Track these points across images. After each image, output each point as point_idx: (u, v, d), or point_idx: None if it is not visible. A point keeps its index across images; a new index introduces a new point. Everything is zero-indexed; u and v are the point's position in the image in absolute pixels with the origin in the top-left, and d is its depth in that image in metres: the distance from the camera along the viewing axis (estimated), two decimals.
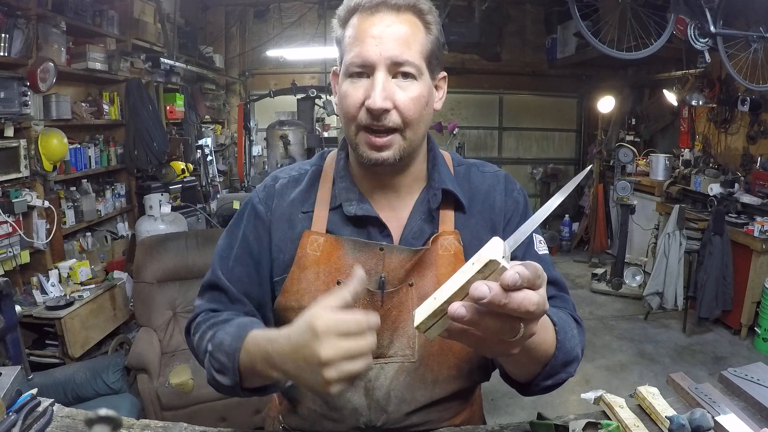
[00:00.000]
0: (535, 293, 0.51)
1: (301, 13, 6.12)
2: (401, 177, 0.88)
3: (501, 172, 0.97)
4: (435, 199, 0.87)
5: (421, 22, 0.80)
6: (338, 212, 0.87)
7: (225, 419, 2.56)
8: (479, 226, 0.89)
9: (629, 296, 4.73)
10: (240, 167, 5.47)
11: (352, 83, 0.79)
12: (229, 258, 0.91)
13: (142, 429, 0.95)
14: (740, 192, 4.12)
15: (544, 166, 6.62)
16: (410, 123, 0.79)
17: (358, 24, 0.79)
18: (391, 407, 0.88)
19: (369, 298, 0.85)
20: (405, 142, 0.80)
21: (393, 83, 0.78)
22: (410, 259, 0.84)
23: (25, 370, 2.10)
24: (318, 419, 0.92)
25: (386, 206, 0.88)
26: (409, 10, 0.79)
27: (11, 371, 1.02)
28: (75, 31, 3.29)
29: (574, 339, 0.79)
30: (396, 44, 0.77)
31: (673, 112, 5.57)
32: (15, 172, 2.75)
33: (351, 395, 0.87)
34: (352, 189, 0.87)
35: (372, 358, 0.61)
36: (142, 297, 2.88)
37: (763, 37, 3.55)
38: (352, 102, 0.79)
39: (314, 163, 0.95)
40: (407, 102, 0.78)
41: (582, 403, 1.03)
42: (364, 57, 0.77)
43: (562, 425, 0.93)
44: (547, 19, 6.26)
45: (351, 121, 0.80)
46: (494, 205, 0.92)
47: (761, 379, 1.05)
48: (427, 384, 0.88)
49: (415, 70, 0.78)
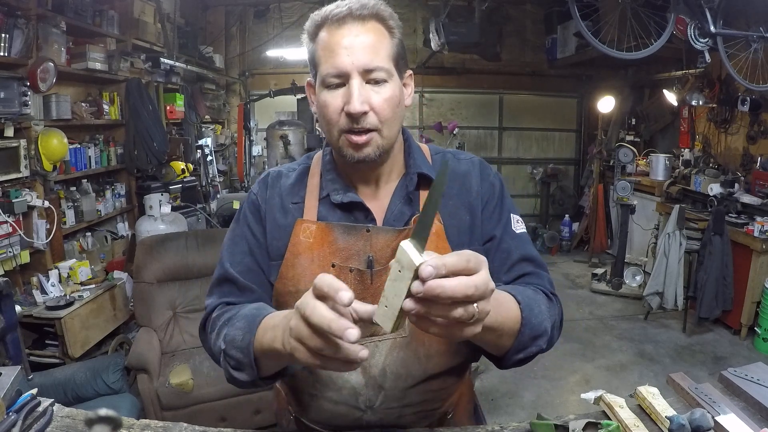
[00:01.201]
0: (470, 278, 0.57)
1: (301, 13, 6.12)
2: (381, 168, 0.95)
3: (476, 159, 1.03)
4: (411, 182, 0.94)
5: (385, 28, 0.87)
6: (326, 201, 0.95)
7: (225, 419, 2.56)
8: (456, 207, 0.96)
9: (629, 296, 4.73)
10: (240, 167, 5.48)
11: (330, 93, 0.86)
12: (235, 251, 0.97)
13: (142, 429, 0.95)
14: (740, 192, 4.12)
15: (544, 166, 6.62)
16: (386, 122, 0.86)
17: (327, 37, 0.86)
18: (388, 383, 0.92)
19: (359, 277, 0.91)
20: (383, 139, 0.87)
21: (368, 88, 0.85)
22: (395, 238, 0.91)
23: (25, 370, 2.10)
24: (319, 402, 0.96)
25: (369, 194, 0.96)
26: (372, 18, 0.86)
27: (11, 371, 1.02)
28: (75, 31, 3.30)
29: (541, 314, 0.84)
30: (366, 52, 0.83)
31: (673, 112, 5.57)
32: (15, 172, 2.75)
33: (349, 375, 0.92)
34: (337, 180, 0.95)
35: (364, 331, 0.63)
36: (142, 297, 2.88)
37: (763, 37, 3.55)
38: (333, 109, 0.86)
39: (301, 162, 1.04)
40: (382, 103, 0.85)
41: (582, 403, 1.04)
42: (338, 67, 0.83)
43: (562, 425, 0.93)
44: (547, 19, 6.26)
45: (333, 127, 0.87)
46: (471, 189, 0.98)
47: (761, 379, 1.05)
48: (420, 358, 0.93)
49: (385, 74, 0.85)
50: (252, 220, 0.97)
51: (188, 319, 2.95)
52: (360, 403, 0.93)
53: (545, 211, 6.64)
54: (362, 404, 0.93)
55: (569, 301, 4.69)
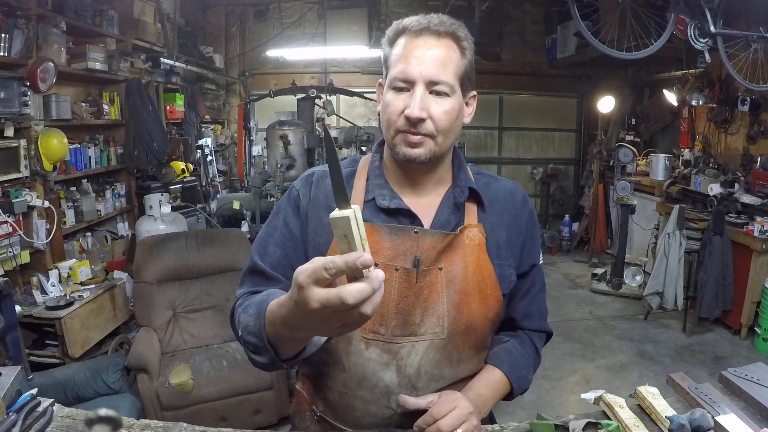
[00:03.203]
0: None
1: (301, 13, 6.13)
2: (428, 177, 0.99)
3: (518, 185, 1.11)
4: (462, 194, 0.99)
5: (458, 47, 0.93)
6: (371, 205, 0.97)
7: (225, 419, 2.56)
8: (497, 225, 1.01)
9: (629, 296, 4.73)
10: (240, 167, 5.47)
11: (395, 95, 0.91)
12: (268, 243, 1.00)
13: (142, 429, 0.95)
14: (740, 192, 4.12)
15: (544, 166, 6.62)
16: (442, 132, 0.91)
17: (404, 44, 0.91)
18: (421, 383, 0.95)
19: (405, 276, 0.93)
20: (436, 146, 0.92)
21: (429, 98, 0.89)
22: (441, 241, 0.94)
23: (25, 370, 2.10)
24: (349, 401, 0.97)
25: (414, 201, 0.99)
26: (448, 36, 0.91)
27: (11, 371, 1.02)
28: (75, 31, 3.29)
29: (527, 376, 1.06)
30: (434, 65, 0.89)
31: (673, 112, 5.57)
32: (15, 172, 2.75)
33: (383, 373, 0.94)
34: (385, 186, 0.99)
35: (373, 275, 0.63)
36: (142, 297, 2.89)
37: (763, 37, 3.55)
38: (394, 110, 0.91)
39: (347, 165, 1.07)
40: (440, 114, 0.90)
41: (582, 403, 1.04)
42: (406, 74, 0.89)
43: (562, 425, 0.93)
44: (547, 19, 6.26)
45: (391, 126, 0.92)
46: (511, 210, 1.04)
47: (761, 379, 1.05)
48: (453, 361, 0.97)
49: (448, 89, 0.90)
50: (290, 214, 1.01)
51: (188, 319, 2.95)
52: (392, 402, 0.94)
53: (545, 211, 6.65)
54: (393, 404, 0.94)
55: (569, 301, 4.69)
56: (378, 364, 0.94)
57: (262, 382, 2.63)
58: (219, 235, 3.28)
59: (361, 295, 0.59)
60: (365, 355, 0.94)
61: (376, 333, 0.93)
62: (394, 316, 0.93)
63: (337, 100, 4.98)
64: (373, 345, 0.93)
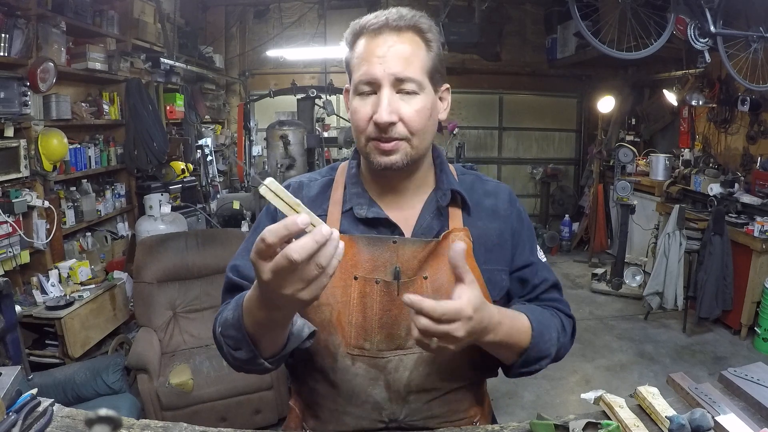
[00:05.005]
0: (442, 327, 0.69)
1: (301, 13, 6.13)
2: (408, 182, 0.94)
3: (503, 184, 1.05)
4: (444, 197, 0.93)
5: (422, 40, 0.87)
6: (349, 215, 0.93)
7: (225, 419, 2.56)
8: (483, 228, 0.96)
9: (629, 296, 4.73)
10: (240, 167, 5.47)
11: (361, 100, 0.86)
12: (245, 257, 0.96)
13: (142, 429, 0.95)
14: (740, 192, 4.12)
15: (544, 166, 6.61)
16: (416, 133, 0.86)
17: (364, 45, 0.86)
18: (412, 397, 0.92)
19: (386, 288, 0.89)
20: (412, 149, 0.87)
21: (398, 98, 0.84)
22: (423, 249, 0.89)
23: (25, 370, 2.10)
24: (340, 417, 0.95)
25: (395, 208, 0.94)
26: (410, 29, 0.86)
27: (11, 371, 1.02)
28: (75, 31, 3.30)
29: (550, 341, 0.91)
30: (398, 62, 0.83)
31: (673, 112, 5.56)
32: (15, 172, 2.75)
33: (372, 389, 0.91)
34: (362, 194, 0.94)
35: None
36: (142, 297, 2.89)
37: (763, 37, 3.55)
38: (362, 117, 0.86)
39: (324, 173, 1.03)
40: (412, 114, 0.84)
41: (582, 403, 1.04)
42: (370, 75, 0.84)
43: (562, 425, 0.93)
44: (547, 19, 6.26)
45: (361, 134, 0.88)
46: (498, 211, 0.99)
47: (761, 379, 1.05)
48: (443, 373, 0.93)
49: (416, 86, 0.85)
50: (271, 224, 0.98)
51: (188, 319, 2.95)
52: (384, 416, 0.93)
53: (545, 211, 6.64)
54: (386, 417, 0.93)
55: (569, 301, 4.64)
56: (366, 379, 0.91)
57: (263, 382, 2.63)
58: (219, 235, 3.29)
59: (305, 250, 0.61)
60: (352, 370, 0.91)
61: (361, 348, 0.90)
62: (378, 330, 0.89)
63: (337, 100, 4.97)
64: (359, 360, 0.90)
